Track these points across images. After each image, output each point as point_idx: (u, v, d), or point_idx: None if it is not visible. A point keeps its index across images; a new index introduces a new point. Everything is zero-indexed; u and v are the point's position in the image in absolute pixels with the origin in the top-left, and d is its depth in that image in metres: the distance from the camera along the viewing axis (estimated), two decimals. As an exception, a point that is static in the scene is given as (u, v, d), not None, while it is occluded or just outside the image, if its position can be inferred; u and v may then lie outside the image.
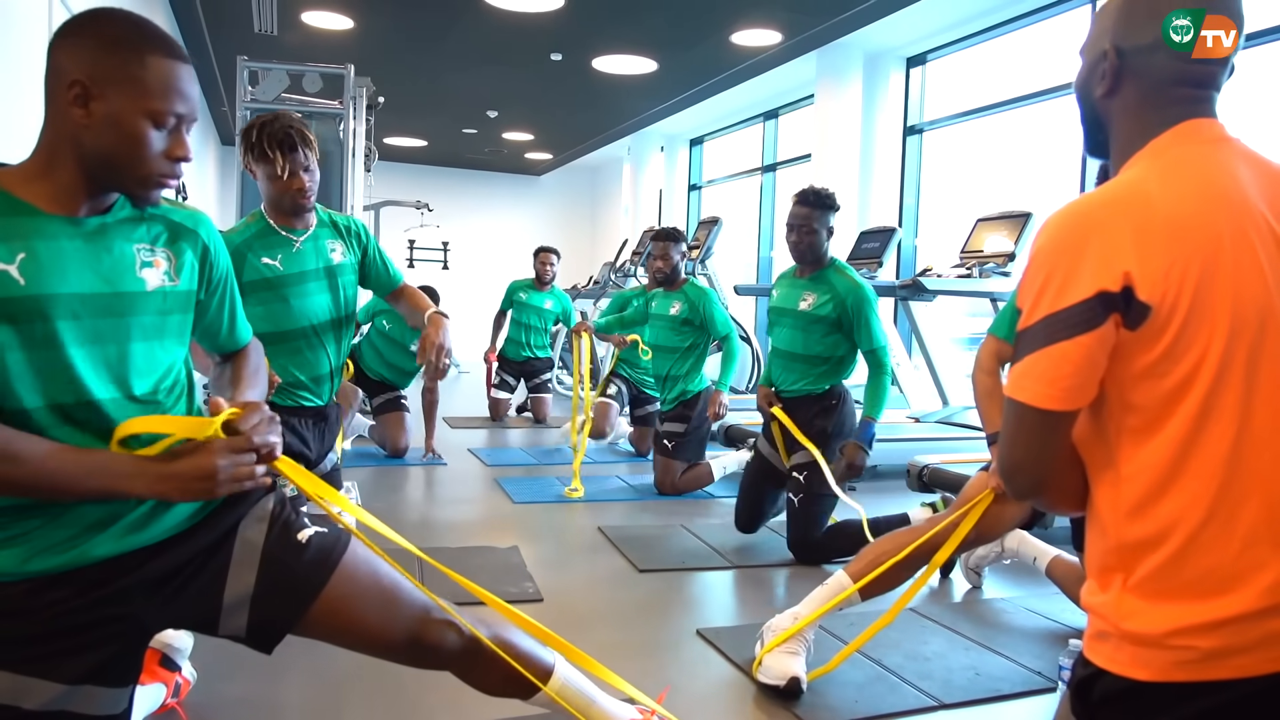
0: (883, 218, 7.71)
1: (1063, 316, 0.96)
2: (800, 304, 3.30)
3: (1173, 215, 0.96)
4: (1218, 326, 0.94)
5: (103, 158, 1.21)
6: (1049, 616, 2.67)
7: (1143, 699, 0.97)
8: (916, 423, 5.31)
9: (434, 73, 8.72)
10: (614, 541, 3.40)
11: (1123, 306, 0.95)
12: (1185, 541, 0.96)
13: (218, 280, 1.46)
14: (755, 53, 7.65)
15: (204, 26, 7.62)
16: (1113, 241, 0.95)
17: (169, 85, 1.21)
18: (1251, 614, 0.94)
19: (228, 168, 11.70)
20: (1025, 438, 0.99)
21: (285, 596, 1.38)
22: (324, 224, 2.49)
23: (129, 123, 1.19)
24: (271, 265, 2.38)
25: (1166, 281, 0.94)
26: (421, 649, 1.46)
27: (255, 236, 2.41)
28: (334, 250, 2.47)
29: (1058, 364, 0.96)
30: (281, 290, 2.38)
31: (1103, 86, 1.08)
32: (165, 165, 1.23)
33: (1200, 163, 1.01)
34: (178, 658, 1.90)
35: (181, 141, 1.24)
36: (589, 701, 1.59)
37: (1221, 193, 0.98)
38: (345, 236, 2.52)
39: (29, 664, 1.22)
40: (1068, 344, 0.95)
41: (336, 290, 2.47)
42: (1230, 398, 0.95)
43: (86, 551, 1.25)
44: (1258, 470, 0.95)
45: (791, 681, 2.06)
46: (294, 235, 2.42)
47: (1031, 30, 6.69)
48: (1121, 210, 0.97)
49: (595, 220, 15.19)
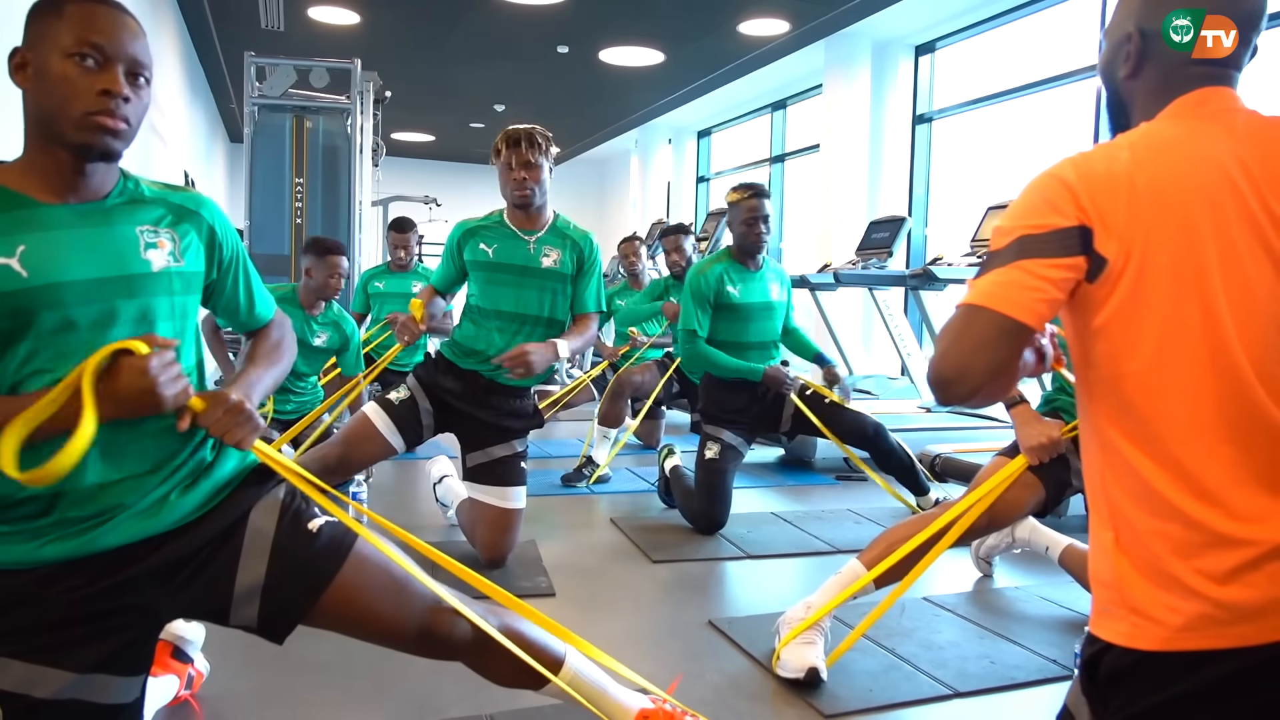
0: (892, 207, 7.68)
1: (1041, 238, 0.98)
2: (771, 295, 3.51)
3: (1142, 181, 0.98)
4: (1168, 292, 0.97)
5: (44, 114, 1.23)
6: (1063, 604, 2.65)
7: (1150, 670, 0.97)
8: (928, 413, 5.29)
9: (440, 67, 8.72)
10: (626, 533, 3.40)
11: (1091, 251, 0.98)
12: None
13: (229, 260, 1.46)
14: (763, 42, 7.62)
15: (211, 23, 7.63)
16: (1076, 194, 0.99)
17: (84, 23, 1.22)
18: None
19: (235, 164, 11.72)
20: (986, 345, 0.97)
21: (296, 586, 1.38)
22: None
23: (53, 68, 1.21)
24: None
25: (1122, 242, 0.97)
26: (432, 639, 1.45)
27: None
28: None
29: (1031, 276, 0.97)
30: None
31: (1126, 68, 1.10)
32: (95, 101, 1.21)
33: (1188, 135, 1.02)
34: (190, 650, 1.91)
35: (110, 75, 1.22)
36: (601, 692, 1.58)
37: (1194, 164, 0.99)
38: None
39: (40, 652, 1.23)
40: (1042, 261, 0.97)
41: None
42: (1189, 353, 0.97)
43: (96, 539, 1.25)
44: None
45: (810, 672, 2.05)
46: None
47: (1040, 17, 6.65)
48: (1094, 166, 1.00)
49: (603, 213, 15.18)
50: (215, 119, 11.36)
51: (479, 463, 2.86)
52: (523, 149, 2.73)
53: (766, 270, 3.53)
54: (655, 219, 9.88)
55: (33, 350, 1.21)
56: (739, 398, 3.45)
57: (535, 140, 2.75)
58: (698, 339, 3.42)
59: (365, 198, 6.67)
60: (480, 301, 2.84)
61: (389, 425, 2.79)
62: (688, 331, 3.43)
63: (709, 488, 3.40)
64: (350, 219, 6.27)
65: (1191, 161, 0.99)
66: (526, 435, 2.93)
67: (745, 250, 3.47)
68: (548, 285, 2.80)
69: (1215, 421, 0.96)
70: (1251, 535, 0.94)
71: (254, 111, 6.17)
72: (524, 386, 2.88)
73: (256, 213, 6.12)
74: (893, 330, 6.06)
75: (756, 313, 3.47)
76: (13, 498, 1.22)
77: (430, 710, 1.92)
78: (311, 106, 6.31)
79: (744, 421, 3.48)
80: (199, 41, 8.22)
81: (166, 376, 1.20)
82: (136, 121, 1.27)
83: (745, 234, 3.44)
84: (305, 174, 6.18)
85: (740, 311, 3.44)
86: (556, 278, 2.81)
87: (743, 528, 3.46)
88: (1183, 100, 1.05)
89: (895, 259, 5.97)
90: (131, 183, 1.36)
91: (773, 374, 3.41)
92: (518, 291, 2.80)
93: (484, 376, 2.81)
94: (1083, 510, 2.50)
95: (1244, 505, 0.95)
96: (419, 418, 2.83)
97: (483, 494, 2.85)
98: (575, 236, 2.88)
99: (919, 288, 5.39)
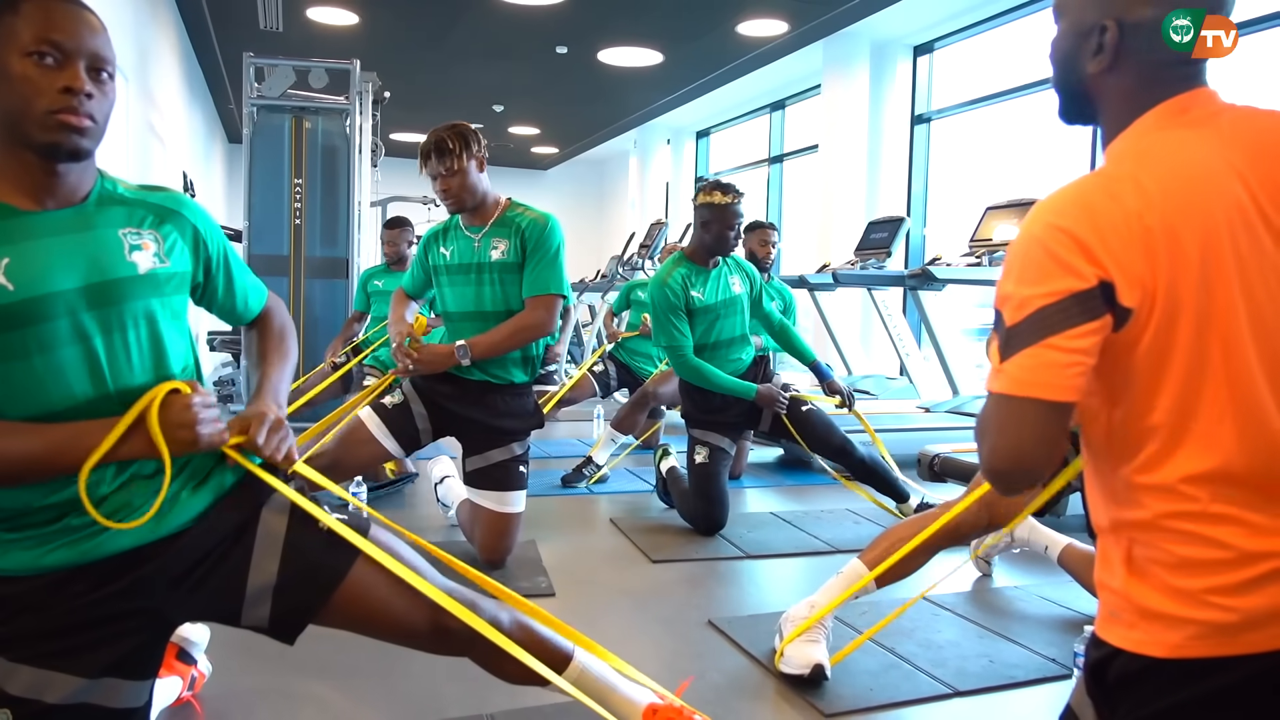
0: (891, 207, 7.69)
1: (1061, 306, 0.92)
2: (734, 289, 3.51)
3: (1154, 220, 0.93)
4: (1189, 335, 0.94)
5: (8, 117, 1.20)
6: (1062, 604, 2.66)
7: (1160, 676, 0.96)
8: (927, 412, 5.30)
9: (439, 67, 8.73)
10: (626, 533, 3.41)
11: (1115, 305, 0.93)
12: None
13: (216, 259, 1.45)
14: (761, 43, 7.63)
15: (210, 24, 7.63)
16: (1088, 246, 0.92)
17: (42, 20, 1.19)
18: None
19: (234, 164, 11.71)
20: (1036, 431, 0.94)
21: (308, 585, 1.38)
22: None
23: (12, 68, 1.19)
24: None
25: (1145, 289, 0.92)
26: (444, 635, 1.45)
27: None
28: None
29: (1062, 354, 0.92)
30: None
31: (1098, 62, 1.04)
32: (57, 99, 1.19)
33: (1180, 151, 0.98)
34: (194, 651, 1.91)
35: (71, 72, 1.20)
36: (608, 688, 1.58)
37: (1197, 188, 0.95)
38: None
39: (50, 658, 1.23)
40: (1070, 333, 0.92)
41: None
42: (1210, 387, 0.94)
43: (103, 544, 1.25)
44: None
45: (815, 669, 2.05)
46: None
47: (1038, 17, 6.66)
48: (1099, 210, 0.94)
49: (602, 214, 15.18)
50: (214, 120, 11.36)
51: (477, 467, 2.86)
52: (433, 161, 2.72)
53: (722, 265, 3.51)
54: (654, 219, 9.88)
55: (16, 367, 1.19)
56: (718, 397, 3.45)
57: (445, 146, 2.70)
58: (685, 352, 3.37)
59: (364, 198, 6.66)
60: (446, 305, 2.87)
61: (382, 429, 2.79)
62: (672, 348, 3.37)
63: (704, 492, 3.41)
64: (349, 219, 6.26)
65: (1195, 189, 0.95)
66: (526, 437, 2.92)
67: (711, 252, 3.42)
68: (498, 278, 2.77)
69: (1236, 454, 0.94)
70: (1272, 548, 0.93)
71: (253, 112, 6.16)
72: (521, 384, 2.87)
73: (255, 213, 6.11)
74: (891, 330, 6.07)
75: (723, 310, 3.45)
76: (31, 506, 1.22)
77: (432, 710, 1.93)
78: (310, 107, 6.30)
79: (726, 421, 3.48)
80: (197, 42, 8.21)
81: (206, 415, 1.25)
82: (104, 118, 1.25)
83: (720, 238, 3.37)
84: (304, 175, 6.17)
85: (708, 312, 3.42)
86: (505, 268, 2.77)
87: (742, 528, 3.47)
88: (1164, 108, 1.01)
89: (894, 259, 5.98)
90: (110, 184, 1.34)
91: (765, 394, 3.42)
92: (473, 289, 2.79)
93: (473, 377, 2.81)
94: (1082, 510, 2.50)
95: (1265, 521, 0.94)
96: (413, 421, 2.82)
97: (481, 498, 2.85)
98: (521, 222, 2.79)
99: (918, 288, 5.39)
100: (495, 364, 2.79)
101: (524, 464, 2.90)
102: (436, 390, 2.83)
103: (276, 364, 1.49)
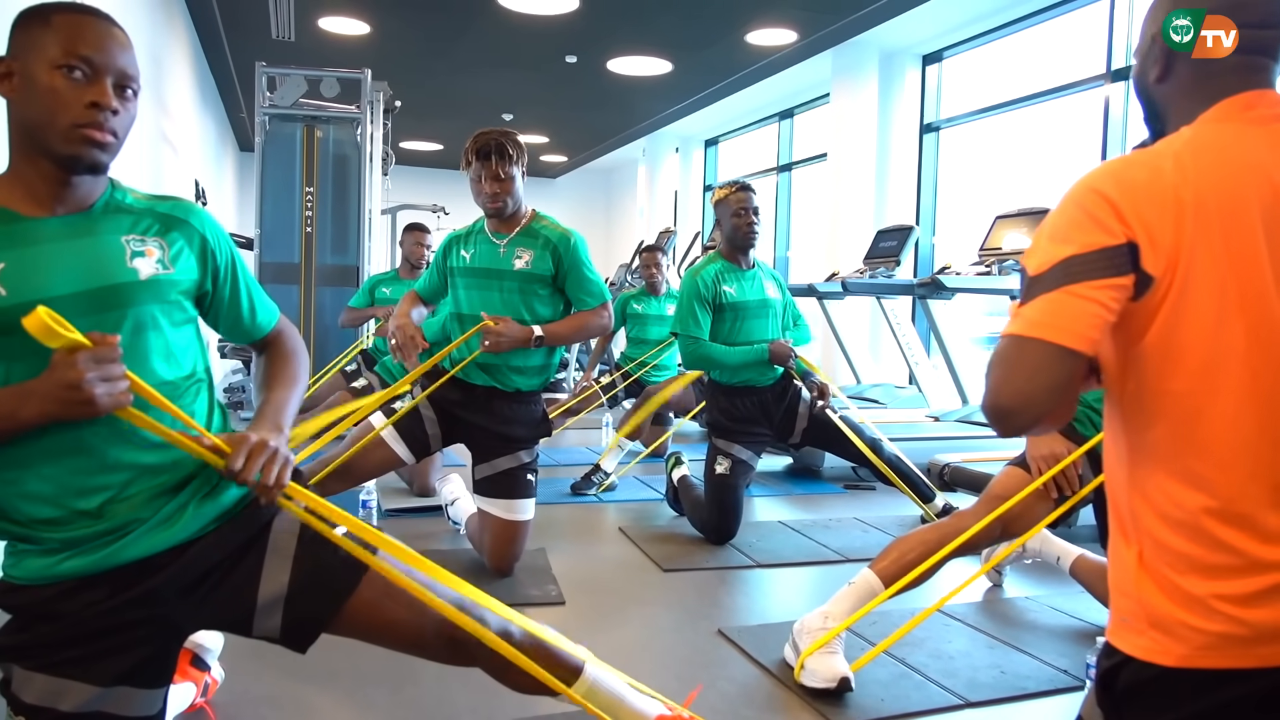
0: (900, 216, 7.69)
1: (1088, 257, 0.93)
2: (767, 293, 3.49)
3: (1188, 195, 0.94)
4: (1213, 310, 0.93)
5: (30, 126, 1.22)
6: (1074, 615, 2.65)
7: (1170, 686, 0.96)
8: (936, 421, 5.29)
9: (450, 76, 8.76)
10: (635, 541, 3.41)
11: (1138, 268, 0.93)
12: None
13: (224, 268, 1.44)
14: (770, 52, 7.64)
15: (222, 33, 7.68)
16: (1120, 209, 0.94)
17: (72, 34, 1.21)
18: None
19: (246, 173, 11.78)
20: (1043, 373, 0.93)
21: (320, 595, 1.38)
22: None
23: (40, 79, 1.20)
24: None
25: (1169, 259, 0.93)
26: (454, 645, 1.45)
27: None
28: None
29: (1081, 300, 0.92)
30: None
31: (1155, 71, 1.07)
32: (83, 114, 1.20)
33: (1234, 141, 0.98)
34: (208, 658, 1.92)
35: (99, 88, 1.21)
36: (618, 700, 1.58)
37: (1238, 175, 0.95)
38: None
39: (64, 666, 1.23)
40: (1092, 283, 0.92)
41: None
42: (1232, 373, 0.93)
43: (116, 553, 1.26)
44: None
45: (842, 681, 2.05)
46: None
47: (1048, 26, 6.65)
48: (1136, 178, 0.96)
49: (610, 222, 15.20)
50: (226, 128, 11.41)
51: (485, 475, 2.86)
52: (493, 163, 2.73)
53: (759, 269, 3.53)
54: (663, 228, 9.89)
55: (16, 368, 1.19)
56: (746, 404, 3.43)
57: (506, 152, 2.73)
58: (700, 341, 3.37)
59: (375, 206, 6.70)
60: (460, 308, 2.86)
61: (393, 434, 2.80)
62: (688, 337, 3.37)
63: (720, 503, 3.38)
64: (360, 227, 6.30)
65: (1237, 174, 0.95)
66: (535, 445, 2.92)
67: (737, 245, 3.44)
68: (520, 287, 2.78)
69: (1256, 444, 0.93)
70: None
71: (265, 121, 6.21)
72: (528, 392, 2.88)
73: (267, 221, 6.16)
74: (900, 339, 6.06)
75: (754, 310, 3.44)
76: (36, 518, 1.22)
77: (440, 718, 1.93)
78: (322, 116, 6.34)
79: (755, 433, 3.45)
80: (210, 51, 8.26)
81: (96, 374, 1.10)
82: (124, 133, 1.26)
83: (737, 226, 3.41)
84: (315, 183, 6.21)
85: (738, 310, 3.41)
86: (529, 279, 2.78)
87: (752, 536, 3.47)
88: (1230, 103, 1.01)
89: (903, 268, 5.97)
90: (120, 193, 1.35)
91: (777, 349, 3.38)
92: (491, 295, 2.80)
93: (479, 383, 2.81)
94: (1093, 520, 2.50)
95: (1278, 528, 0.93)
96: (423, 427, 2.83)
97: (490, 506, 2.85)
98: (550, 236, 2.82)
99: (927, 297, 5.39)
100: (499, 371, 2.80)
101: (532, 472, 2.90)
102: (445, 396, 2.83)
103: (281, 386, 1.46)
